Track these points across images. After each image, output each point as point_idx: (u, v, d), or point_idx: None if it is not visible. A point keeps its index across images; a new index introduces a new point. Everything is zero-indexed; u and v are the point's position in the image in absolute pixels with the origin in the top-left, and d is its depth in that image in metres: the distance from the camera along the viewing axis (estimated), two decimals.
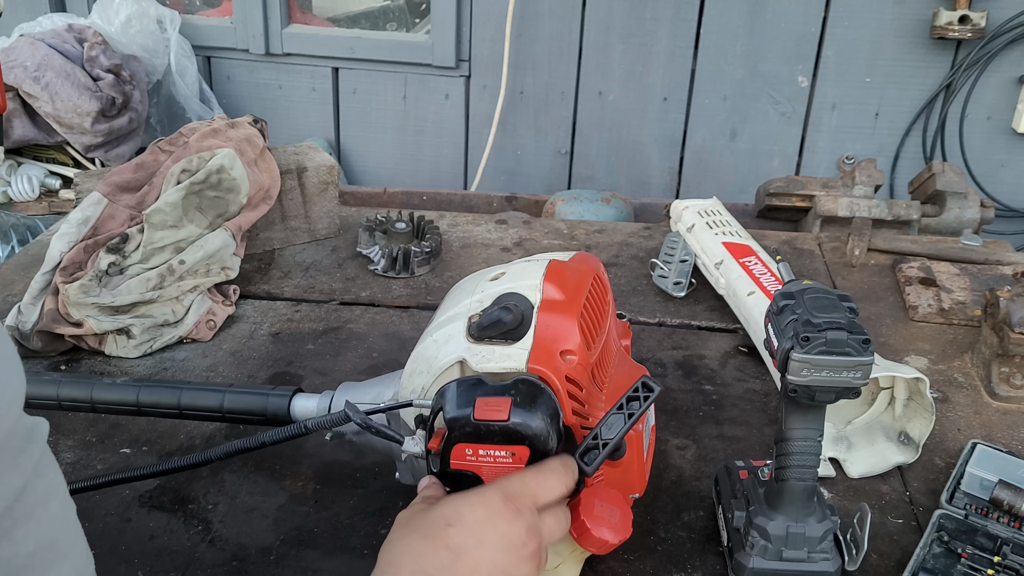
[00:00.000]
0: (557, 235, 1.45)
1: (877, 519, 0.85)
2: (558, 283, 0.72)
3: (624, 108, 2.55)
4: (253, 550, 0.80)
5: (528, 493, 0.62)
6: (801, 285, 0.71)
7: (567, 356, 0.69)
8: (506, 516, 0.60)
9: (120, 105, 2.21)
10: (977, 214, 1.61)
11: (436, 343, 0.72)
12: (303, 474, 0.89)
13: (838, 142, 2.49)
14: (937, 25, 2.26)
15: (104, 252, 1.09)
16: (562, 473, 0.64)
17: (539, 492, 0.63)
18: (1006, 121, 2.38)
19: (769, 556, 0.74)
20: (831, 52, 2.39)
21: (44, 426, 0.46)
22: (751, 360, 1.11)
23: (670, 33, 2.44)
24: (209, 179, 1.15)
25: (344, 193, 2.15)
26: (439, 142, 2.70)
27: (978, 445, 0.91)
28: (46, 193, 2.26)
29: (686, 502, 0.87)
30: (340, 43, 2.62)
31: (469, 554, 0.58)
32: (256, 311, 1.21)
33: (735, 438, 0.97)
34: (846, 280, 1.32)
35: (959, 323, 1.20)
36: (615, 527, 0.67)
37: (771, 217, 1.79)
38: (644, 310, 1.23)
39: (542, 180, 2.67)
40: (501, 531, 0.59)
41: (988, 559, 0.76)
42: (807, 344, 0.66)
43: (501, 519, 0.60)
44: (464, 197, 2.26)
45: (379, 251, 1.30)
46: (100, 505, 0.84)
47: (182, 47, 2.53)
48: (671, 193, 2.62)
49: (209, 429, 0.96)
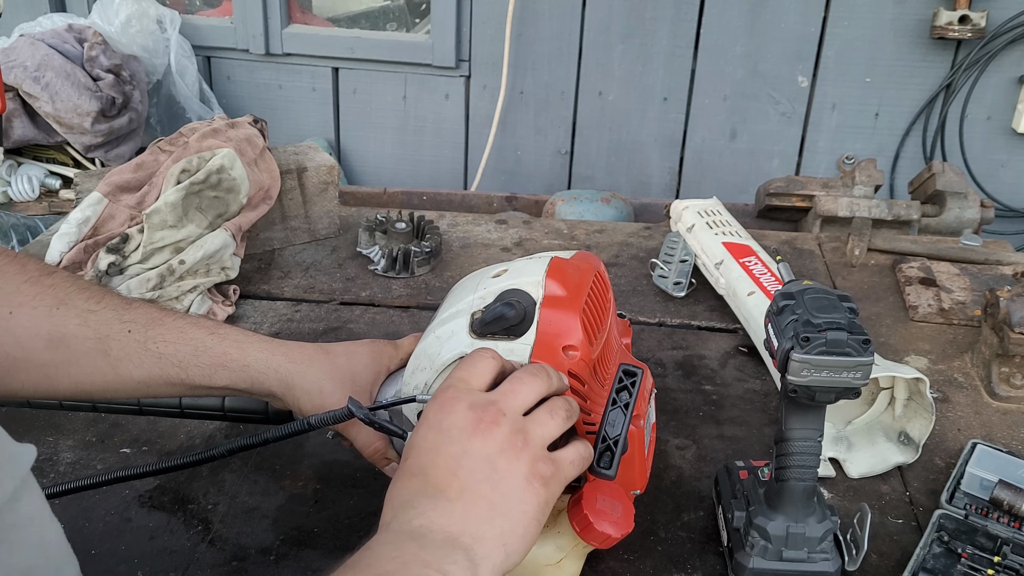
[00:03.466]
0: (557, 235, 1.45)
1: (877, 519, 0.85)
2: (560, 279, 0.73)
3: (624, 108, 2.55)
4: (253, 550, 0.80)
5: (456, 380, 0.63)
6: (801, 285, 0.71)
7: (569, 351, 0.69)
8: (445, 409, 0.61)
9: (120, 105, 2.20)
10: (977, 214, 1.61)
11: (439, 339, 0.72)
12: (303, 474, 0.89)
13: (838, 142, 2.49)
14: (937, 25, 2.25)
15: (104, 252, 1.09)
16: (481, 357, 0.65)
17: (467, 376, 0.63)
18: (1006, 121, 2.37)
19: (769, 556, 0.74)
20: (831, 52, 2.39)
21: (29, 454, 0.45)
22: (751, 360, 1.11)
23: (670, 33, 2.44)
24: (209, 179, 1.15)
25: (344, 193, 2.15)
26: (439, 142, 2.70)
27: (978, 445, 0.91)
28: (46, 193, 2.26)
29: (686, 502, 0.87)
30: (340, 43, 2.61)
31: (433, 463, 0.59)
32: (256, 311, 1.21)
33: (735, 438, 0.97)
34: (846, 280, 1.32)
35: (959, 323, 1.20)
36: (617, 522, 0.67)
37: (771, 217, 1.79)
38: (644, 310, 1.23)
39: (542, 180, 2.67)
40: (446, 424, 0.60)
41: (988, 559, 0.76)
42: (807, 344, 0.66)
43: (443, 415, 0.61)
44: (464, 197, 2.26)
45: (379, 251, 1.30)
46: (100, 505, 0.84)
47: (182, 47, 2.53)
48: (671, 193, 2.62)
49: (209, 428, 0.96)
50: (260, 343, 0.76)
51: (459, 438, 0.59)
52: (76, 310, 0.71)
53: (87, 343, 0.71)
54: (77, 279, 0.75)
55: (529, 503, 0.58)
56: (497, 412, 0.60)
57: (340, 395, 0.74)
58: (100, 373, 0.72)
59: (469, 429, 0.59)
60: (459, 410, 0.60)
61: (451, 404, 0.61)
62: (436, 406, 0.62)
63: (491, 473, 0.58)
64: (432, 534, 0.55)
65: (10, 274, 0.70)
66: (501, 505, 0.57)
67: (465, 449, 0.58)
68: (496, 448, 0.59)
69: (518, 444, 0.59)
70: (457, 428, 0.59)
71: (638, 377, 0.71)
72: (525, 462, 0.59)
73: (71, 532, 0.83)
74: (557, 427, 0.63)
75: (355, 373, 0.77)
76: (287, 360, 0.76)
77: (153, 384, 0.74)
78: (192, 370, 0.74)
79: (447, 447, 0.59)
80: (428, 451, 0.59)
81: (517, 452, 0.59)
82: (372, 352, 0.79)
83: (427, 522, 0.56)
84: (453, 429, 0.59)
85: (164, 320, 0.75)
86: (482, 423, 0.59)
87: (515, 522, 0.58)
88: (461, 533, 0.56)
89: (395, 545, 0.54)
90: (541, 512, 0.59)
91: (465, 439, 0.59)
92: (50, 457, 0.91)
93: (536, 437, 0.61)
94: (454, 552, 0.54)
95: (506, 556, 0.57)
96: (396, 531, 0.56)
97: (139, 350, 0.72)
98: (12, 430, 0.43)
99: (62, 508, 0.83)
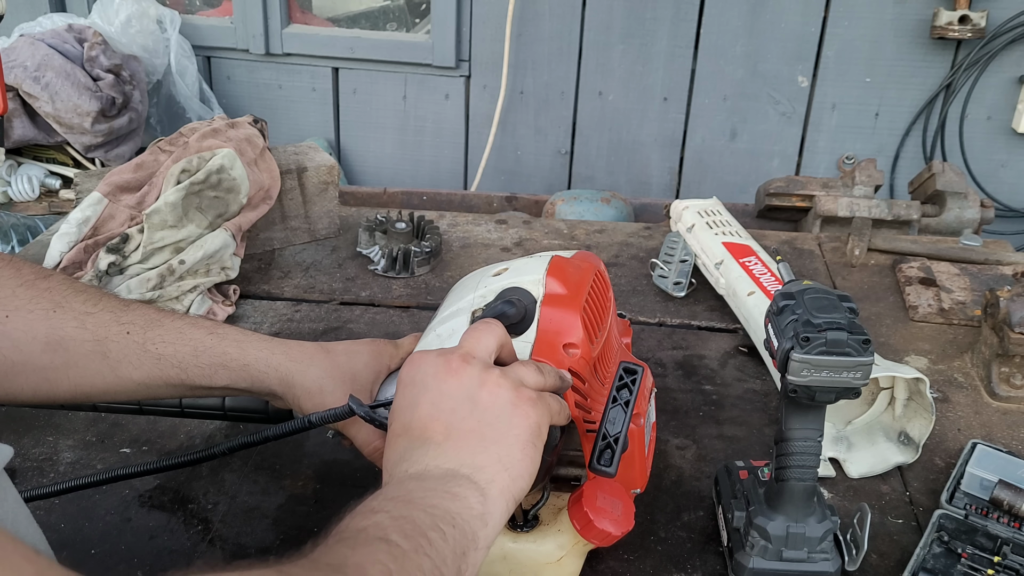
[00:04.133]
0: (557, 235, 1.45)
1: (877, 519, 0.85)
2: (561, 278, 0.73)
3: (624, 108, 2.55)
4: (253, 550, 0.80)
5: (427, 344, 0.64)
6: (801, 285, 0.71)
7: (570, 349, 0.69)
8: (416, 365, 0.61)
9: (120, 105, 2.20)
10: (977, 214, 1.61)
11: (440, 337, 0.73)
12: (303, 474, 0.89)
13: (838, 142, 2.49)
14: (937, 25, 2.25)
15: (104, 252, 1.09)
16: (484, 329, 0.64)
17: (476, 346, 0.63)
18: (1006, 121, 2.37)
19: (769, 556, 0.74)
20: (831, 52, 2.39)
21: (4, 453, 0.44)
22: (751, 360, 1.11)
23: (670, 33, 2.44)
24: (209, 179, 1.15)
25: (344, 193, 2.15)
26: (439, 142, 2.70)
27: (978, 445, 0.91)
28: (46, 193, 2.26)
29: (686, 502, 0.87)
30: (340, 43, 2.62)
31: (414, 415, 0.59)
32: (256, 311, 1.21)
33: (735, 438, 0.97)
34: (846, 280, 1.32)
35: (959, 323, 1.20)
36: (617, 520, 0.67)
37: (771, 217, 1.79)
38: (644, 310, 1.23)
39: (542, 180, 2.67)
40: (419, 376, 0.61)
41: (988, 559, 0.76)
42: (807, 344, 0.66)
43: (414, 370, 0.61)
44: (464, 197, 2.26)
45: (379, 251, 1.30)
46: (100, 504, 0.84)
47: (182, 47, 2.53)
48: (671, 193, 2.62)
49: (209, 428, 0.96)
50: (260, 342, 0.76)
51: (433, 385, 0.59)
52: (73, 312, 0.71)
53: (85, 345, 0.71)
54: (74, 282, 0.75)
55: (519, 426, 0.58)
56: (464, 354, 0.61)
57: (340, 394, 0.74)
58: (99, 375, 0.72)
59: (441, 374, 0.60)
60: (428, 360, 0.61)
61: (418, 359, 0.62)
62: (406, 366, 0.62)
63: (473, 408, 0.58)
64: (429, 472, 0.55)
65: (5, 278, 0.70)
66: (491, 434, 0.58)
67: (441, 392, 0.59)
68: (474, 383, 0.59)
69: (495, 376, 0.60)
70: (430, 376, 0.60)
71: (638, 375, 0.71)
72: (507, 389, 0.59)
73: (71, 532, 0.83)
74: (536, 376, 0.63)
75: (355, 372, 0.77)
76: (287, 359, 0.76)
77: (153, 385, 0.74)
78: (192, 371, 0.74)
79: (423, 396, 0.59)
80: (406, 408, 0.60)
81: (496, 382, 0.59)
82: (372, 351, 0.79)
83: (422, 468, 0.56)
84: (426, 378, 0.60)
85: (163, 321, 0.75)
86: (452, 363, 0.60)
87: (510, 446, 0.58)
88: (459, 466, 0.56)
89: (397, 487, 0.55)
90: (534, 435, 0.59)
91: (439, 384, 0.59)
92: (50, 457, 0.91)
93: (512, 372, 0.61)
94: (457, 479, 0.55)
95: (511, 479, 0.57)
96: (394, 483, 0.56)
97: (138, 352, 0.72)
98: (12, 430, 0.43)
99: (62, 508, 0.83)
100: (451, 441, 0.57)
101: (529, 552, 0.71)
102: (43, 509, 0.83)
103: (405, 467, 0.57)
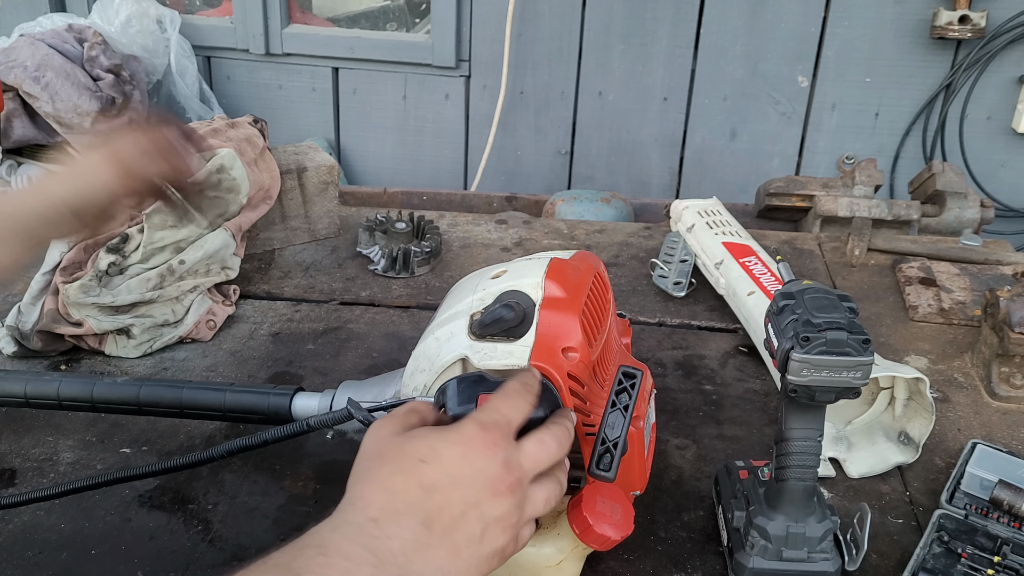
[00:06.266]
0: (557, 235, 1.45)
1: (877, 519, 0.85)
2: (559, 281, 0.73)
3: (624, 108, 2.55)
4: (253, 550, 0.80)
5: (503, 420, 0.61)
6: (801, 285, 0.71)
7: (569, 353, 0.69)
8: (483, 451, 0.58)
9: (120, 105, 2.20)
10: (977, 214, 1.61)
11: (438, 341, 0.72)
12: (303, 474, 0.89)
13: (838, 142, 2.49)
14: (937, 25, 2.25)
15: (104, 252, 1.09)
16: (523, 391, 0.63)
17: (512, 415, 0.61)
18: (1006, 121, 2.37)
19: (769, 556, 0.74)
20: (831, 52, 2.39)
21: None
22: (751, 360, 1.11)
23: (670, 33, 2.44)
24: (209, 179, 1.15)
25: (344, 193, 2.15)
26: (439, 142, 2.70)
27: (978, 445, 0.91)
28: None
29: (686, 502, 0.87)
30: (340, 43, 2.61)
31: (441, 492, 0.56)
32: (256, 311, 1.21)
33: (735, 438, 0.97)
34: (846, 280, 1.32)
35: (959, 323, 1.20)
36: (616, 524, 0.67)
37: (771, 217, 1.79)
38: (644, 310, 1.23)
39: (542, 180, 2.67)
40: (478, 467, 0.58)
41: (988, 559, 0.76)
42: (807, 344, 0.66)
43: (478, 455, 0.58)
44: (464, 197, 2.25)
45: (379, 251, 1.30)
46: (100, 505, 0.84)
47: (182, 47, 2.53)
48: (671, 193, 2.62)
49: (209, 429, 0.96)
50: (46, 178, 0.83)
51: (481, 489, 0.58)
52: None
53: None
54: None
55: (474, 571, 0.58)
56: (519, 480, 0.60)
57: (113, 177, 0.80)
58: None
59: (490, 487, 0.58)
60: (495, 462, 0.59)
61: (492, 450, 0.59)
62: (480, 442, 0.59)
63: (476, 535, 0.57)
64: (394, 559, 0.54)
65: None
66: (461, 564, 0.57)
67: (478, 502, 0.58)
68: (496, 515, 0.58)
69: (512, 520, 0.59)
70: (483, 478, 0.58)
71: (637, 379, 0.71)
72: (502, 540, 0.59)
73: (71, 532, 0.83)
74: (547, 506, 0.63)
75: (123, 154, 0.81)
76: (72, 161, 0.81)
77: None
78: None
79: (466, 490, 0.58)
80: (448, 476, 0.58)
81: (504, 528, 0.59)
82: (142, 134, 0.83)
83: (397, 548, 0.54)
84: (480, 476, 0.58)
85: None
86: (503, 485, 0.59)
87: None
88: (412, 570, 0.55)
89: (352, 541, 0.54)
90: None
91: (483, 494, 0.58)
92: (50, 457, 0.91)
93: (527, 513, 0.61)
94: None
95: None
96: (363, 536, 0.55)
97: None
98: (12, 430, 0.43)
99: (62, 508, 0.84)
100: (442, 546, 0.56)
101: (528, 555, 0.71)
102: (43, 509, 0.83)
103: (392, 531, 0.55)
